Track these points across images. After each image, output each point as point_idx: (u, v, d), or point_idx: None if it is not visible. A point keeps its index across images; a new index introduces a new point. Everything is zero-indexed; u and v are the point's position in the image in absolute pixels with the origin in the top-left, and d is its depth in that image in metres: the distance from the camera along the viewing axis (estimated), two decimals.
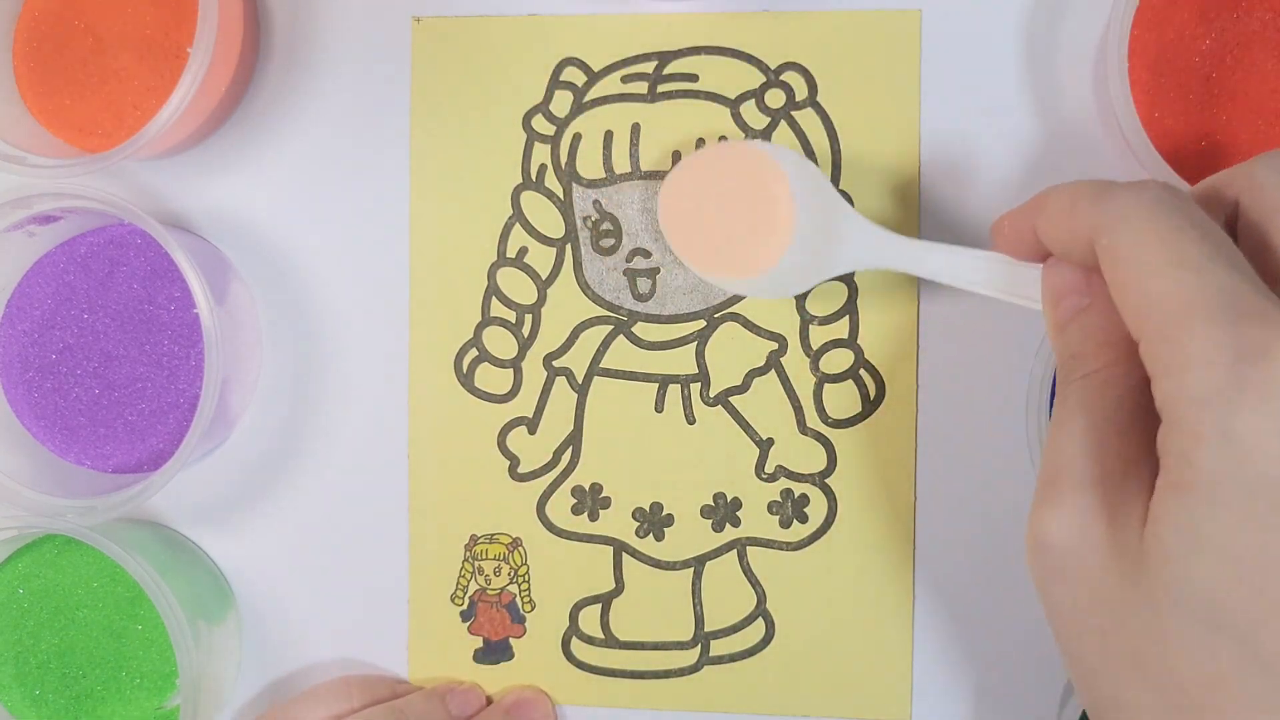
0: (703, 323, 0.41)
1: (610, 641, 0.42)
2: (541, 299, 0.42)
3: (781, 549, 0.41)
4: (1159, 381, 0.26)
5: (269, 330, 0.43)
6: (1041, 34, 0.40)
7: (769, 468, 0.41)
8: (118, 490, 0.40)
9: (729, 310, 0.41)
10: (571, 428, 0.42)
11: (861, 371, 0.41)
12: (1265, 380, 0.24)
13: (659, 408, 0.42)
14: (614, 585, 0.42)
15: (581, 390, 0.42)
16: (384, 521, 0.43)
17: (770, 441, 0.41)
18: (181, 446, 0.38)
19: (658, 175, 0.41)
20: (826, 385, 0.41)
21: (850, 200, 0.41)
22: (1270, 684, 0.24)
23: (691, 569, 0.42)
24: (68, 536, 0.42)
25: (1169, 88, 0.38)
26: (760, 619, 0.42)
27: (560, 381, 0.42)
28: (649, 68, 0.41)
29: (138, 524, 0.43)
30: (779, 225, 0.38)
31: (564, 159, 0.42)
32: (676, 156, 0.41)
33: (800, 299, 0.41)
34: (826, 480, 0.41)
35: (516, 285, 0.42)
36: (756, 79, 0.41)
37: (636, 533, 0.42)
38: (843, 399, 0.41)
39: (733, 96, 0.41)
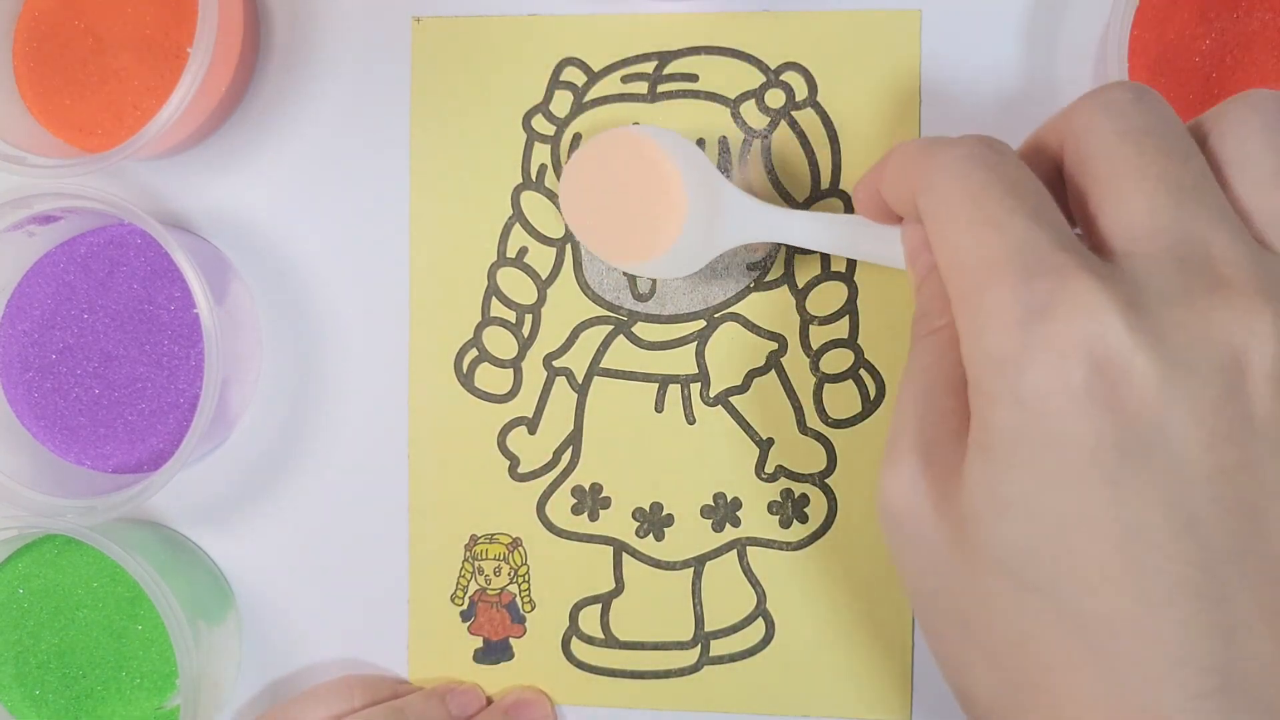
0: (703, 323, 0.41)
1: (610, 641, 0.42)
2: (541, 299, 0.42)
3: (781, 549, 0.41)
4: (963, 343, 0.26)
5: (269, 330, 0.43)
6: (1041, 34, 0.40)
7: (769, 468, 0.41)
8: (118, 490, 0.40)
9: (729, 310, 0.41)
10: (571, 428, 0.42)
11: (862, 371, 0.41)
12: (1051, 337, 0.24)
13: (659, 408, 0.42)
14: (614, 585, 0.42)
15: (581, 390, 0.42)
16: (384, 521, 0.43)
17: (770, 441, 0.41)
18: (181, 446, 0.38)
19: None
20: (827, 385, 0.41)
21: (850, 201, 0.41)
22: (1079, 639, 0.25)
23: (691, 569, 0.42)
24: (68, 536, 0.42)
25: (1169, 88, 0.38)
26: (760, 619, 0.42)
27: (560, 381, 0.42)
28: (649, 68, 0.41)
29: (138, 524, 0.43)
30: (672, 207, 0.38)
31: (564, 159, 0.42)
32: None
33: (800, 299, 0.41)
34: (827, 480, 0.41)
35: (516, 285, 0.42)
36: (756, 79, 0.41)
37: (636, 533, 0.42)
38: (843, 399, 0.41)
39: (733, 96, 0.41)
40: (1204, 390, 0.24)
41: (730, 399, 0.41)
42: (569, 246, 0.42)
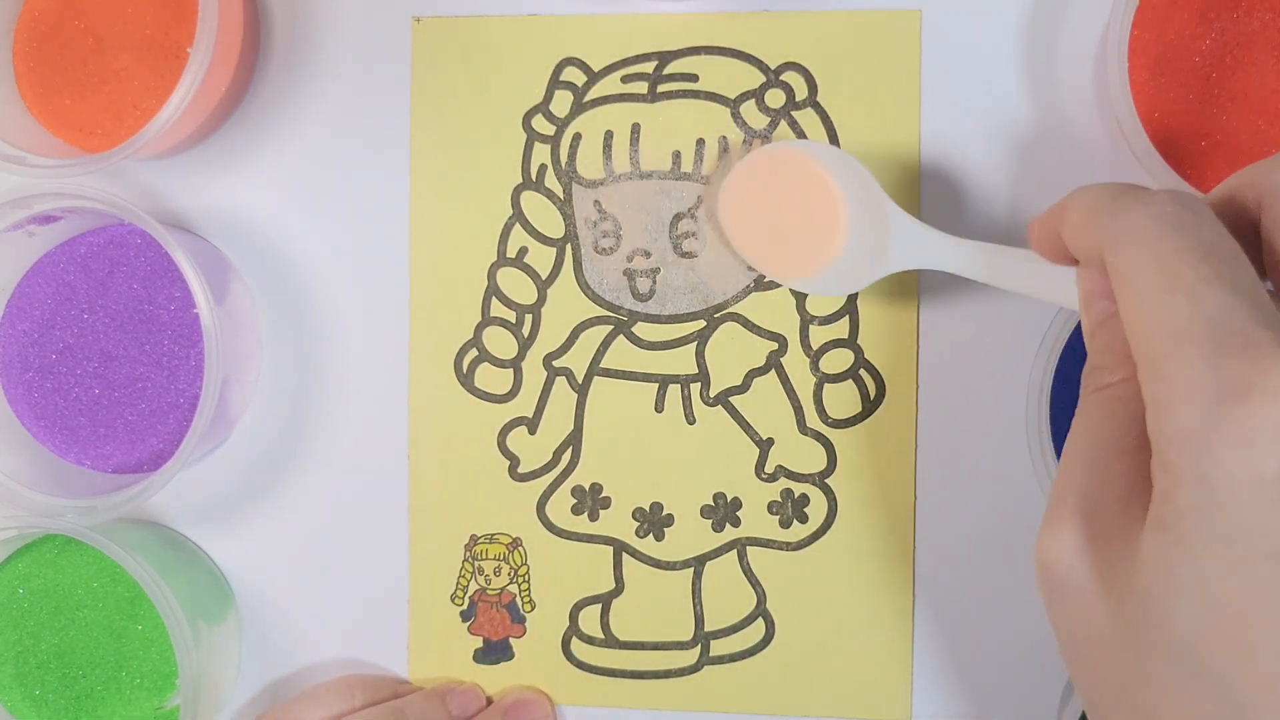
0: (703, 323, 0.41)
1: (610, 641, 0.42)
2: (541, 299, 0.42)
3: (781, 549, 0.41)
4: (1149, 413, 0.25)
5: (269, 330, 0.43)
6: (1041, 34, 0.40)
7: (769, 468, 0.41)
8: (118, 490, 0.40)
9: (729, 310, 0.41)
10: (571, 428, 0.42)
11: (861, 371, 0.41)
12: (1245, 421, 0.23)
13: (659, 408, 0.42)
14: (614, 585, 0.42)
15: (581, 390, 0.42)
16: (384, 521, 0.43)
17: (770, 441, 0.41)
18: (181, 446, 0.38)
19: (657, 175, 0.41)
20: (826, 385, 0.41)
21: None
22: None
23: (691, 569, 0.42)
24: (68, 536, 0.42)
25: (1169, 88, 0.38)
26: (760, 619, 0.42)
27: (560, 381, 0.42)
28: (649, 68, 0.41)
29: (138, 524, 0.43)
30: (834, 225, 0.38)
31: (564, 159, 0.42)
32: (676, 156, 0.41)
33: (800, 298, 0.41)
34: (826, 480, 0.41)
35: (516, 285, 0.42)
36: (756, 79, 0.41)
37: (636, 533, 0.42)
38: (843, 399, 0.41)
39: (733, 96, 0.41)
40: None
41: (730, 399, 0.41)
42: (569, 246, 0.42)
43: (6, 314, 0.42)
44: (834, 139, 0.41)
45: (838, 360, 0.41)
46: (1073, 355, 0.38)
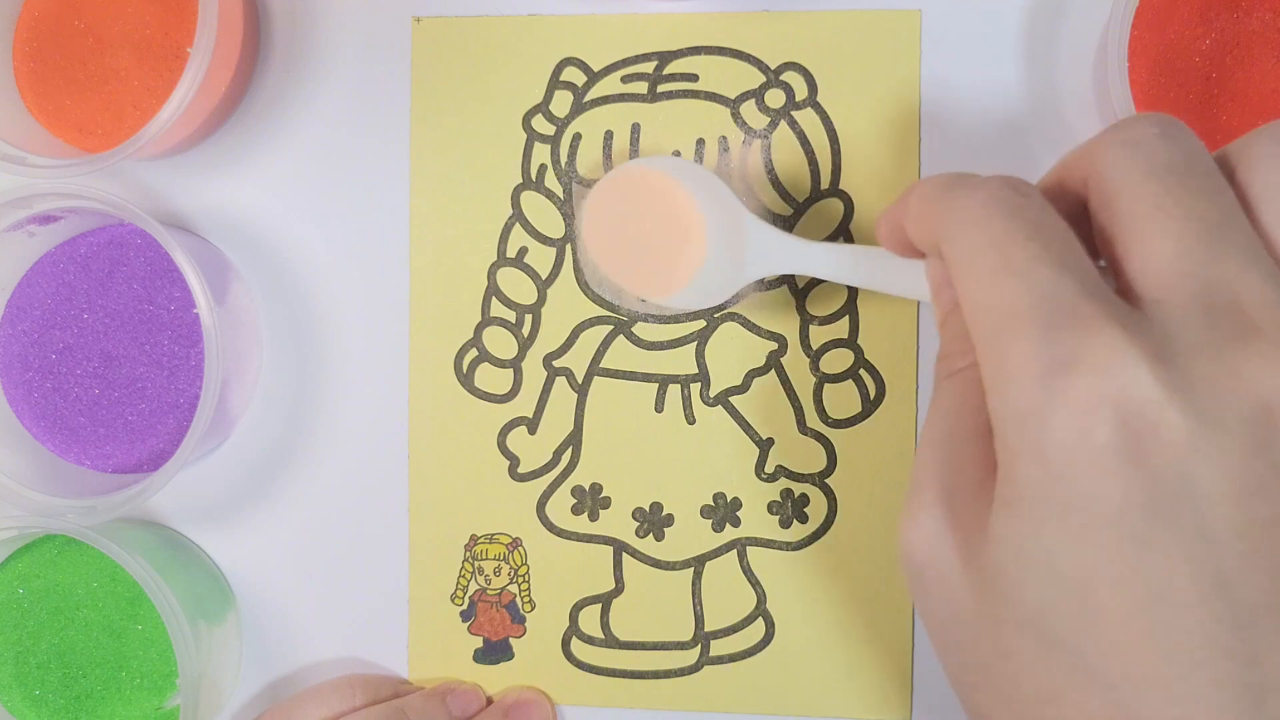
0: (702, 323, 0.41)
1: (610, 641, 0.42)
2: (541, 299, 0.42)
3: (781, 549, 0.41)
4: (987, 394, 0.25)
5: (269, 330, 0.43)
6: (1041, 34, 0.40)
7: (769, 468, 0.41)
8: (118, 490, 0.40)
9: (729, 310, 0.41)
10: (571, 428, 0.42)
11: (861, 371, 0.41)
12: (1073, 392, 0.23)
13: (659, 408, 0.42)
14: (614, 585, 0.42)
15: (581, 390, 0.42)
16: (384, 521, 0.43)
17: (770, 441, 0.41)
18: (181, 446, 0.38)
19: None
20: (826, 385, 0.41)
21: (850, 201, 0.41)
22: (1106, 699, 0.24)
23: (691, 569, 0.42)
24: (68, 536, 0.42)
25: (1169, 88, 0.38)
26: (760, 619, 0.42)
27: (560, 381, 0.42)
28: (649, 68, 0.41)
29: (138, 524, 0.43)
30: (691, 242, 0.38)
31: (564, 159, 0.42)
32: (676, 156, 0.41)
33: (800, 298, 0.41)
34: (826, 480, 0.41)
35: (516, 285, 0.42)
36: (756, 79, 0.41)
37: (636, 533, 0.42)
38: (843, 399, 0.41)
39: (733, 96, 0.41)
40: (1233, 444, 0.23)
41: (730, 399, 0.41)
42: (569, 246, 0.42)
43: (6, 314, 0.42)
44: (834, 139, 0.41)
45: (838, 360, 0.41)
46: None
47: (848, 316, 0.41)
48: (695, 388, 0.42)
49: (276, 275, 0.43)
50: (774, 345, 0.41)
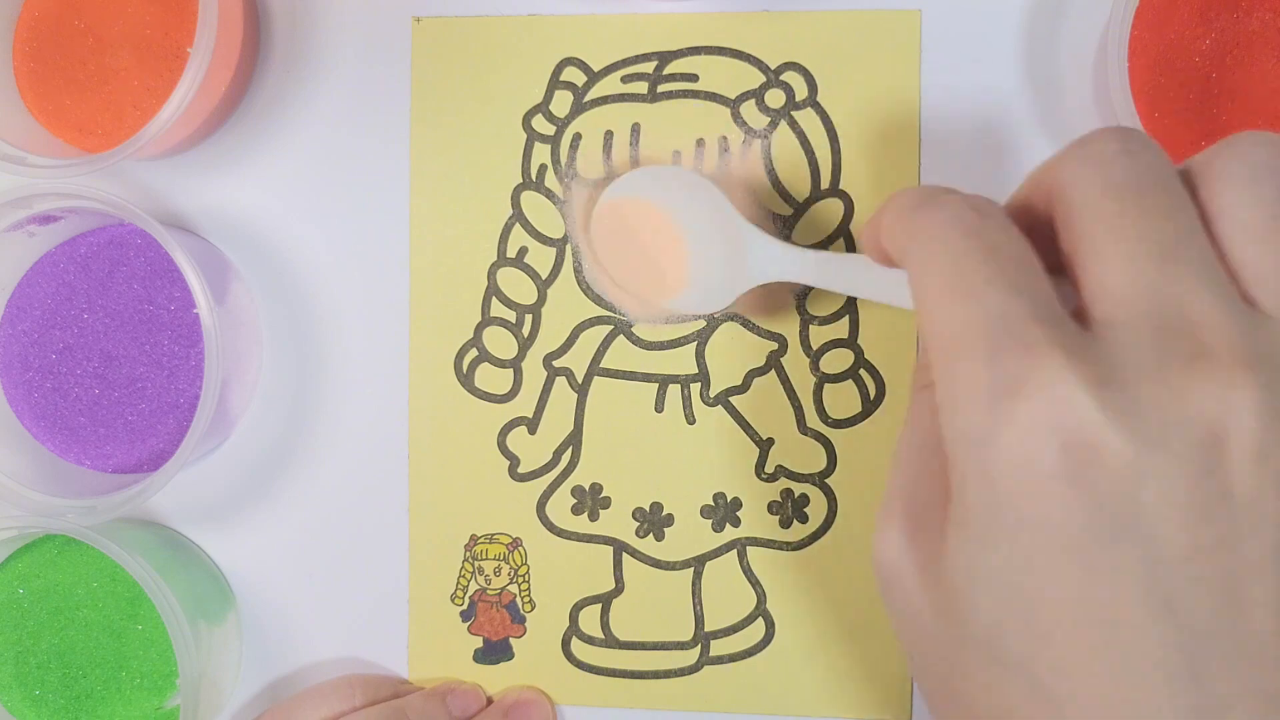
0: (702, 323, 0.41)
1: (610, 641, 0.42)
2: (541, 299, 0.42)
3: (781, 549, 0.41)
4: (940, 414, 0.25)
5: (269, 330, 0.43)
6: (1041, 34, 0.40)
7: (769, 468, 0.41)
8: (118, 490, 0.40)
9: (729, 310, 0.41)
10: (571, 428, 0.42)
11: (862, 371, 0.41)
12: (1019, 416, 0.23)
13: (659, 408, 0.42)
14: (614, 585, 0.42)
15: (581, 390, 0.42)
16: (384, 521, 0.43)
17: (770, 441, 0.41)
18: (181, 446, 0.38)
19: None
20: (827, 385, 0.41)
21: (850, 201, 0.41)
22: (1053, 716, 0.24)
23: (691, 569, 0.42)
24: (68, 536, 0.42)
25: (1169, 88, 0.38)
26: (760, 619, 0.42)
27: (560, 381, 0.42)
28: (649, 68, 0.41)
29: (138, 524, 0.43)
30: (676, 266, 0.39)
31: (564, 159, 0.42)
32: (677, 156, 0.41)
33: (800, 299, 0.41)
34: (827, 480, 0.41)
35: (516, 285, 0.42)
36: (756, 79, 0.41)
37: (636, 533, 0.42)
38: (843, 399, 0.41)
39: (733, 96, 0.41)
40: (1180, 468, 0.23)
41: (730, 399, 0.41)
42: (569, 247, 0.42)
43: (6, 314, 0.42)
44: (834, 139, 0.41)
45: (838, 360, 0.41)
46: None
47: (848, 317, 0.41)
48: (695, 388, 0.42)
49: (276, 275, 0.43)
50: (774, 345, 0.41)
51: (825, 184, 0.41)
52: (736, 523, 0.42)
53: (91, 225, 0.42)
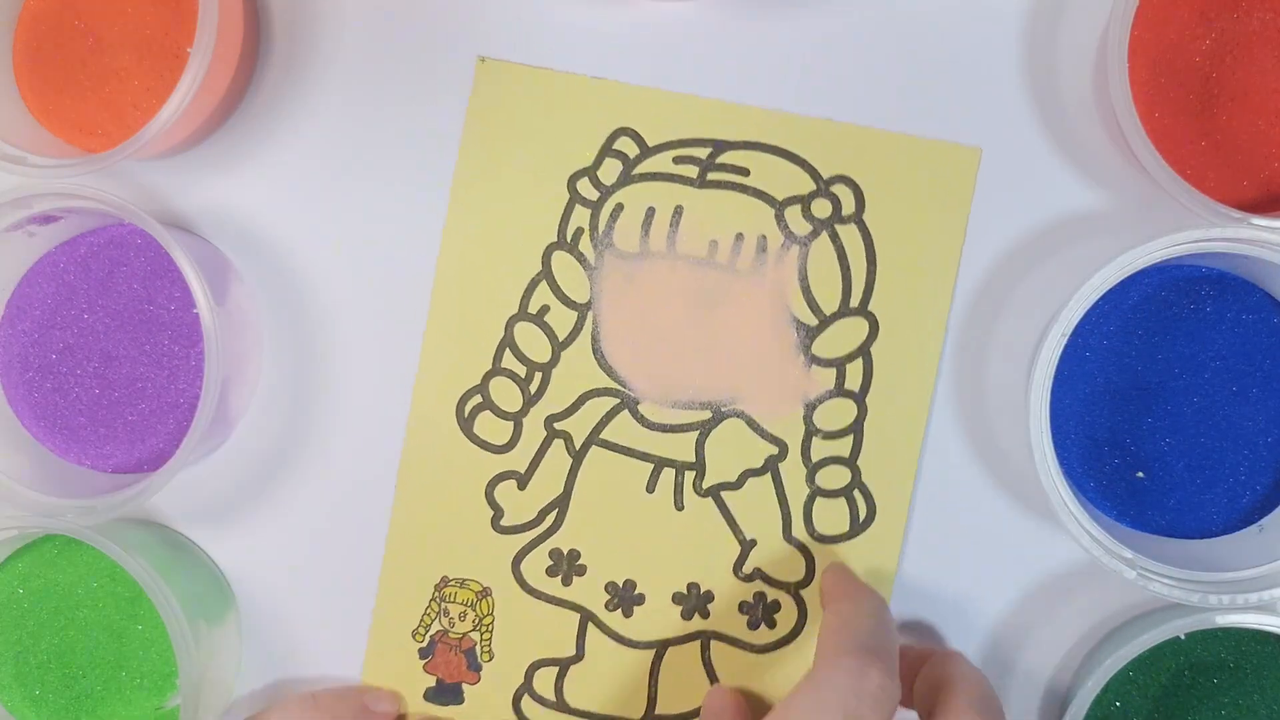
0: (709, 413, 0.41)
1: (561, 705, 0.42)
2: (555, 359, 0.42)
3: (745, 649, 0.41)
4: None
5: (269, 330, 0.43)
6: (1041, 34, 0.40)
7: (747, 568, 0.41)
8: (118, 490, 0.40)
9: (736, 407, 0.41)
10: (561, 491, 0.42)
11: (856, 491, 0.40)
12: None
13: (650, 488, 0.41)
14: (575, 652, 0.42)
15: (578, 457, 0.42)
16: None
17: (753, 543, 0.41)
18: (181, 446, 0.38)
19: (691, 261, 0.41)
20: (819, 499, 0.41)
21: (876, 324, 0.40)
22: None
23: (654, 650, 0.41)
24: (68, 536, 0.42)
25: (1169, 88, 0.38)
26: None
27: (558, 444, 0.42)
28: (703, 153, 0.41)
29: (138, 524, 0.43)
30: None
31: (602, 226, 0.41)
32: (713, 246, 0.41)
33: (810, 409, 0.41)
34: (801, 591, 0.41)
35: (532, 341, 0.42)
36: (807, 185, 0.40)
37: (606, 605, 0.41)
38: (832, 515, 0.41)
39: (780, 198, 0.40)
40: None
41: (722, 493, 0.41)
42: (591, 313, 0.41)
43: (6, 314, 0.42)
44: (871, 259, 0.40)
45: (834, 476, 0.41)
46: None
47: (852, 435, 0.40)
48: (690, 476, 0.41)
49: (276, 275, 0.43)
50: (774, 450, 0.41)
51: (855, 302, 0.40)
52: (706, 614, 0.41)
53: (91, 225, 0.42)
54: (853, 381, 0.40)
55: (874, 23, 0.40)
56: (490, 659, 0.42)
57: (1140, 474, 0.39)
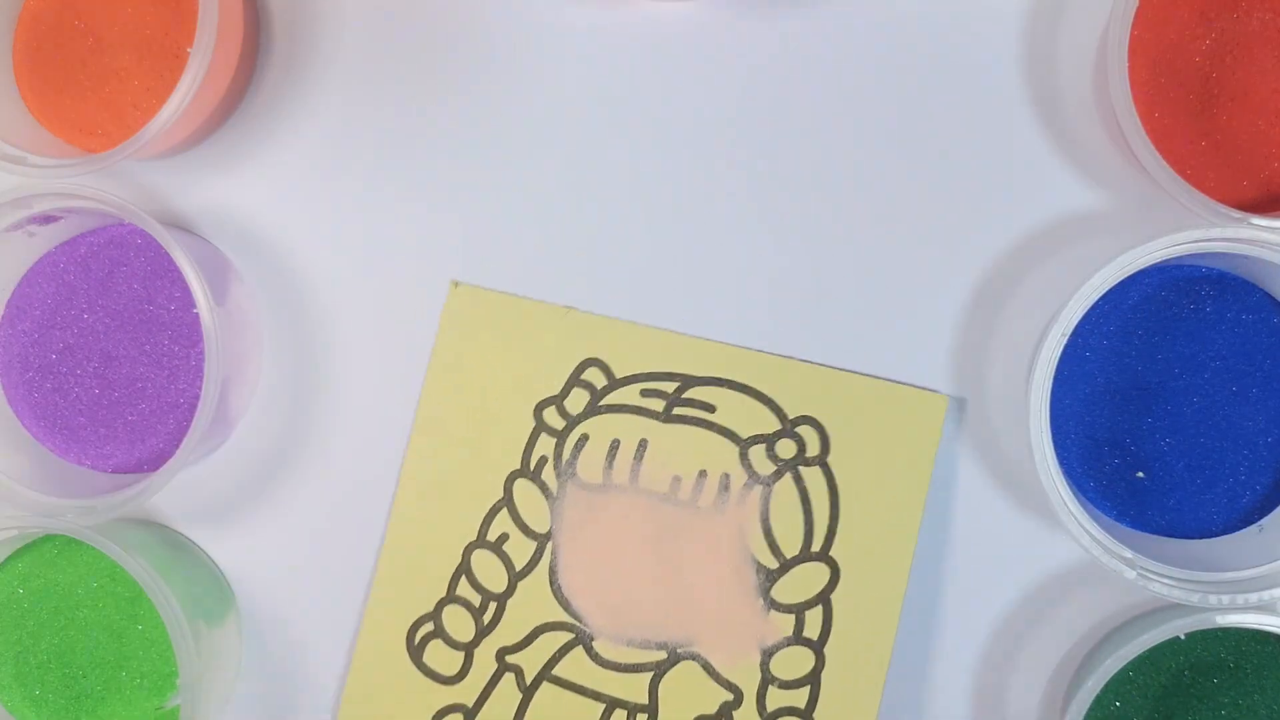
0: (664, 654, 0.40)
1: None
2: (510, 589, 0.41)
3: None
4: None
5: (269, 330, 0.43)
6: (1041, 34, 0.40)
7: None
8: (118, 490, 0.40)
9: (692, 649, 0.40)
10: None
11: None
12: None
13: None
14: None
15: (528, 692, 0.41)
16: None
17: None
18: (181, 446, 0.38)
19: (653, 496, 0.40)
20: None
21: (837, 570, 0.40)
22: None
23: None
24: (68, 536, 0.42)
25: (1169, 88, 0.38)
26: None
27: (509, 678, 0.41)
28: (670, 387, 0.41)
29: (138, 524, 0.43)
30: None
31: (566, 456, 0.41)
32: (676, 482, 0.40)
33: (767, 656, 0.40)
34: None
35: (489, 570, 0.41)
36: (772, 424, 0.40)
37: None
38: None
39: (745, 436, 0.40)
40: None
41: None
42: (550, 544, 0.41)
43: (6, 314, 0.42)
44: (834, 503, 0.40)
45: None
46: None
47: (809, 687, 0.40)
48: (641, 719, 0.41)
49: (276, 275, 0.43)
50: (729, 696, 0.40)
51: (816, 546, 0.40)
52: None
53: (91, 225, 0.42)
54: (811, 629, 0.40)
55: (874, 22, 0.40)
56: None
57: (1140, 474, 0.39)
